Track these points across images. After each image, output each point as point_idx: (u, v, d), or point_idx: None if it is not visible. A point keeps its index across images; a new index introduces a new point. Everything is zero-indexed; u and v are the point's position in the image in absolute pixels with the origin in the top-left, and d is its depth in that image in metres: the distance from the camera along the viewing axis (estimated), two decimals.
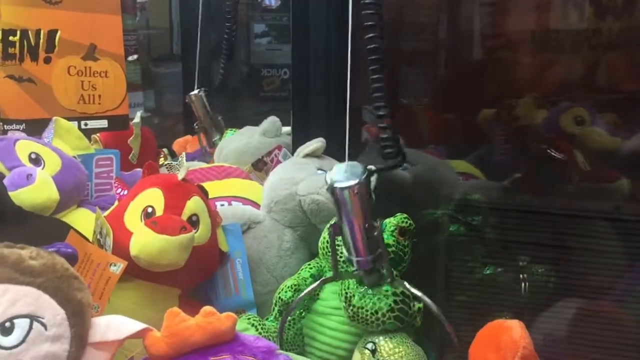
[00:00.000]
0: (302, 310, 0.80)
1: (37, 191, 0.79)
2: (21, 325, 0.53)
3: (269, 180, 0.93)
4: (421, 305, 0.72)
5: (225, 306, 0.69)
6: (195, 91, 1.32)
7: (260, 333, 0.74)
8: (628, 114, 1.02)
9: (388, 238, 0.74)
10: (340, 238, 0.71)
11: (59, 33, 0.93)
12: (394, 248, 0.74)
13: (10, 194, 0.76)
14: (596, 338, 0.91)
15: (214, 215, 0.81)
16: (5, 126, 0.92)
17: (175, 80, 1.78)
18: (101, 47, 0.96)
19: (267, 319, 0.81)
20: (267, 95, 1.73)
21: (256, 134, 1.16)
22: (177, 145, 1.45)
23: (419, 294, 0.70)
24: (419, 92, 1.23)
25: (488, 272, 0.96)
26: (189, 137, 1.46)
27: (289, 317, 0.79)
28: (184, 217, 0.75)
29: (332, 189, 0.66)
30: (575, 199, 1.02)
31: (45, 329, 0.54)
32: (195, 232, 0.75)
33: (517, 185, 1.03)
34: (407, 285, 0.71)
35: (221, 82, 1.41)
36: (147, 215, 0.75)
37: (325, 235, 0.80)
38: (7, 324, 0.53)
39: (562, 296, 0.95)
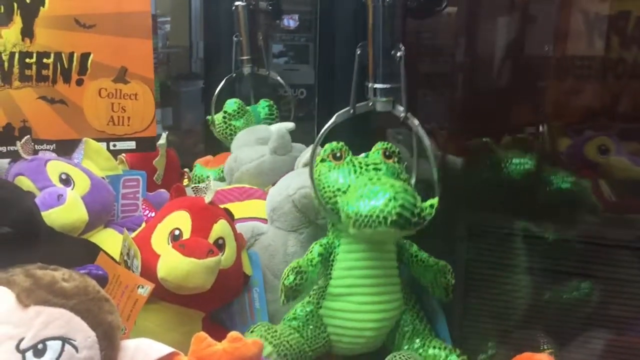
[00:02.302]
0: (317, 300, 0.78)
1: (68, 211, 0.80)
2: (53, 347, 0.54)
3: (269, 193, 0.94)
4: (435, 202, 0.69)
5: None
6: (241, 2, 1.31)
7: (271, 342, 0.73)
8: None
9: (376, 158, 0.77)
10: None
11: (91, 56, 0.95)
12: (384, 167, 0.76)
13: (42, 213, 0.77)
14: None
15: (239, 239, 0.82)
16: (36, 146, 0.93)
17: (194, 98, 1.80)
18: (132, 70, 0.98)
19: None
20: (284, 114, 1.74)
21: (267, 153, 1.13)
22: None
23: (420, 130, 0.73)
24: (440, 117, 1.23)
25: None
26: (210, 157, 1.47)
27: (306, 311, 0.78)
28: (211, 240, 0.76)
29: None
30: (600, 228, 1.01)
31: (77, 351, 0.55)
32: (222, 256, 0.75)
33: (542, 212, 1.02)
34: (416, 123, 0.73)
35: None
36: (175, 238, 0.75)
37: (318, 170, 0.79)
38: (40, 346, 0.54)
39: (586, 325, 0.94)
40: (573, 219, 0.99)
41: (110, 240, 0.85)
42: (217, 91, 1.32)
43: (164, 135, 1.11)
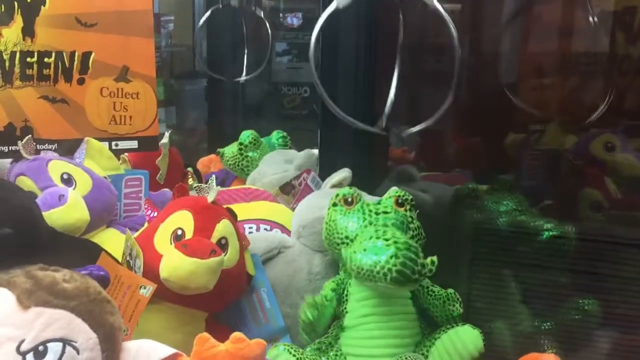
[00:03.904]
0: (336, 331, 0.78)
1: (69, 212, 0.80)
2: (54, 349, 0.53)
3: (298, 208, 0.94)
4: (435, 259, 0.70)
5: (258, 336, 0.68)
6: None
7: (294, 355, 0.72)
8: None
9: (387, 207, 0.78)
10: None
11: (93, 55, 0.95)
12: (394, 215, 0.77)
13: (43, 214, 0.76)
14: None
15: (242, 239, 0.81)
16: (38, 146, 0.93)
17: (197, 97, 1.80)
18: (133, 69, 0.97)
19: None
20: (287, 112, 1.74)
21: (291, 168, 1.13)
22: (201, 164, 1.45)
23: None
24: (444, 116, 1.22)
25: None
26: (213, 156, 1.46)
27: (326, 343, 0.78)
28: (214, 240, 0.75)
29: None
30: (606, 225, 1.01)
31: (78, 353, 0.54)
32: (225, 256, 0.75)
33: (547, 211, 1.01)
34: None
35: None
36: (177, 238, 0.75)
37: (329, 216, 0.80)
38: (41, 348, 0.53)
39: (593, 324, 0.94)
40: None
41: (112, 241, 0.85)
42: (201, 21, 1.34)
43: (167, 134, 1.11)
